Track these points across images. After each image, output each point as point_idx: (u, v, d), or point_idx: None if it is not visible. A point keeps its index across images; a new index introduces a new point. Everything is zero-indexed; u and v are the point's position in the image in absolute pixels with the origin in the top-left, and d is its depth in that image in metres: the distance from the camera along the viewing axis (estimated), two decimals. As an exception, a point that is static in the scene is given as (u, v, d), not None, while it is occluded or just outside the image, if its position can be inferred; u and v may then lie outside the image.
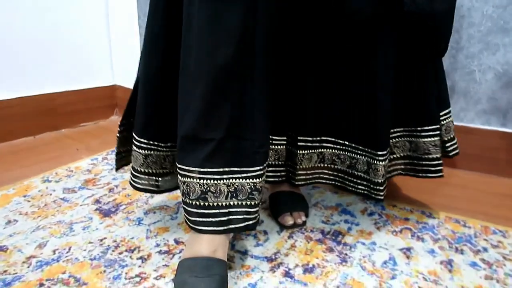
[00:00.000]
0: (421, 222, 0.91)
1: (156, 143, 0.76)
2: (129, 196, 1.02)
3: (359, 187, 0.86)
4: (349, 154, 0.86)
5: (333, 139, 0.87)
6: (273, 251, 0.79)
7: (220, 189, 0.67)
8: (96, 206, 0.97)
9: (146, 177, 0.79)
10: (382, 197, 0.83)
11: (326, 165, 0.90)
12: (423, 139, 0.86)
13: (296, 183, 0.88)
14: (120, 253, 0.78)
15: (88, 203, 0.98)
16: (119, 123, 0.83)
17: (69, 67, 1.62)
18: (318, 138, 0.86)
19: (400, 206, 0.98)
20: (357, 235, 0.85)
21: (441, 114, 0.89)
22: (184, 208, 0.69)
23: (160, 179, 0.80)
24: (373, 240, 0.83)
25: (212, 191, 0.67)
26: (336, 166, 0.89)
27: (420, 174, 0.89)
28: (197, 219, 0.68)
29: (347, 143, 0.85)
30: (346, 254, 0.78)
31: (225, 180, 0.67)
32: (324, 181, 0.92)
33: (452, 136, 0.93)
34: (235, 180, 0.68)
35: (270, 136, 0.84)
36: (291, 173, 0.89)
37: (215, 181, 0.67)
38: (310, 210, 0.94)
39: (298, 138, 0.85)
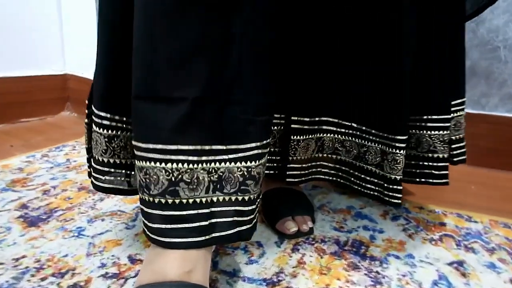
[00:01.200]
0: (462, 227, 0.69)
1: (123, 118, 0.51)
2: (70, 199, 0.75)
3: (368, 185, 0.64)
4: (356, 140, 0.64)
5: (335, 120, 0.64)
6: (273, 270, 0.55)
7: (197, 178, 0.43)
8: (21, 212, 0.70)
9: (112, 170, 0.53)
10: (399, 201, 0.61)
11: (326, 155, 0.67)
12: (429, 132, 0.64)
13: (288, 180, 0.65)
14: (43, 279, 0.51)
15: (10, 209, 0.71)
16: (86, 104, 0.56)
17: (9, 49, 1.33)
18: (317, 119, 0.64)
19: (429, 208, 0.76)
20: (385, 245, 0.62)
21: (452, 103, 0.68)
22: (142, 210, 0.44)
23: (133, 172, 0.54)
24: (409, 251, 0.61)
25: (185, 181, 0.42)
26: (339, 157, 0.66)
27: (418, 179, 0.67)
28: (162, 225, 0.43)
29: (354, 125, 0.63)
30: (377, 273, 0.55)
31: (204, 164, 0.43)
32: (322, 176, 0.69)
33: (461, 136, 0.72)
34: (220, 163, 0.44)
35: None
36: (280, 168, 0.66)
37: (190, 165, 0.42)
38: (315, 213, 0.71)
39: (292, 118, 0.62)
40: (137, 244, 0.61)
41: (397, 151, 0.57)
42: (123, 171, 0.53)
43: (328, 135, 0.65)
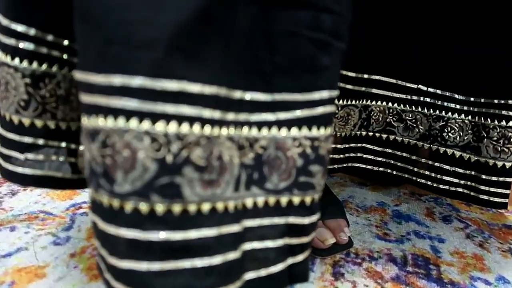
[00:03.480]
0: (533, 230, 0.52)
1: (62, 39, 0.26)
2: (-42, 193, 0.47)
3: (448, 179, 0.43)
4: (425, 111, 0.43)
5: (393, 81, 0.43)
6: (321, 318, 0.32)
7: (218, 158, 0.20)
8: None
9: (41, 142, 0.28)
10: (506, 200, 0.41)
11: (372, 133, 0.46)
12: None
13: None
14: None
15: None
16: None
17: None
18: (366, 76, 0.42)
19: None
20: (459, 262, 0.43)
21: None
22: (96, 228, 0.20)
23: (81, 147, 0.29)
24: (496, 271, 0.42)
25: (194, 164, 0.19)
26: (392, 137, 0.45)
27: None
28: (142, 264, 0.19)
29: (423, 88, 0.42)
30: (477, 313, 0.35)
31: (232, 129, 0.21)
32: (364, 165, 0.48)
33: None
34: (261, 129, 0.22)
35: None
36: None
37: (205, 129, 0.19)
38: (342, 214, 0.50)
39: None
40: (75, 274, 0.35)
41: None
42: (63, 143, 0.28)
43: (379, 102, 0.43)
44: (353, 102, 0.42)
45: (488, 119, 0.39)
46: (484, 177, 0.40)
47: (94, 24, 0.18)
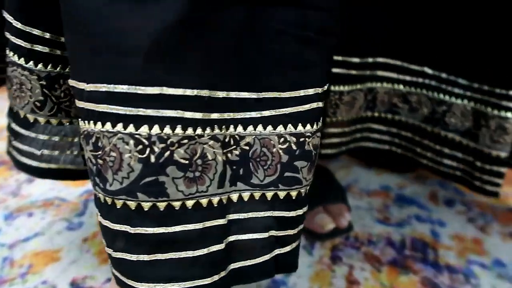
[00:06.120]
0: (538, 214, 0.52)
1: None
2: (-20, 181, 0.50)
3: (447, 162, 0.44)
4: (429, 94, 0.42)
5: (398, 63, 0.43)
6: (316, 299, 0.34)
7: (202, 156, 0.21)
8: None
9: (56, 138, 0.30)
10: (497, 190, 0.41)
11: (378, 114, 0.46)
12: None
13: (324, 152, 0.44)
14: None
15: None
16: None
17: None
18: (371, 60, 0.42)
19: (483, 187, 0.58)
20: (458, 245, 0.44)
21: None
22: (100, 223, 0.21)
23: None
24: (493, 255, 0.42)
25: (179, 162, 0.21)
26: (397, 117, 0.46)
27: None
28: (133, 256, 0.21)
29: (429, 71, 0.42)
30: (470, 296, 0.36)
31: (216, 128, 0.22)
32: (370, 144, 0.48)
33: None
34: (246, 127, 0.23)
35: None
36: None
37: (188, 130, 0.21)
38: (345, 198, 0.51)
39: (336, 59, 0.40)
40: (87, 258, 0.37)
41: (509, 114, 0.37)
42: (76, 139, 0.30)
43: (384, 84, 0.44)
44: (359, 86, 0.42)
45: (489, 108, 0.39)
46: (479, 164, 0.40)
47: (82, 33, 0.19)
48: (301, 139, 0.23)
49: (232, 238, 0.22)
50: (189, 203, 0.20)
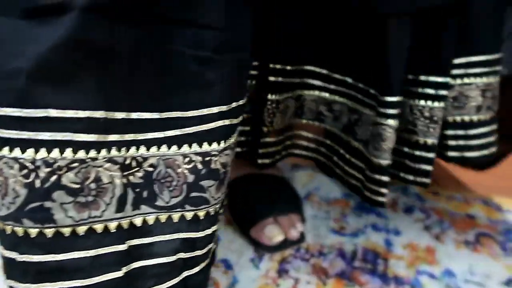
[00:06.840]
0: (496, 220, 0.52)
1: None
2: None
3: (351, 171, 0.43)
4: (349, 103, 0.42)
5: (324, 72, 0.42)
6: (254, 316, 0.34)
7: (97, 179, 0.21)
8: None
9: None
10: (383, 200, 0.40)
11: (305, 121, 0.45)
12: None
13: (260, 161, 0.43)
14: None
15: None
16: None
17: None
18: (300, 68, 0.41)
19: (446, 194, 0.58)
20: (409, 255, 0.43)
21: (468, 61, 0.39)
22: None
23: None
24: (444, 265, 0.42)
25: (67, 187, 0.20)
26: (323, 125, 0.45)
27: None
28: (21, 285, 0.20)
29: (349, 80, 0.41)
30: (414, 308, 0.36)
31: (113, 150, 0.22)
32: (299, 152, 0.48)
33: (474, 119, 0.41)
34: (149, 148, 0.22)
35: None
36: (250, 144, 0.43)
37: (79, 153, 0.20)
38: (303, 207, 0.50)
39: (270, 66, 0.39)
40: None
41: (383, 120, 0.36)
42: None
43: (311, 92, 0.43)
44: (290, 94, 0.42)
45: (376, 117, 0.38)
46: (368, 173, 0.39)
47: None
48: (207, 158, 0.22)
49: (135, 264, 0.22)
50: (81, 229, 0.20)
